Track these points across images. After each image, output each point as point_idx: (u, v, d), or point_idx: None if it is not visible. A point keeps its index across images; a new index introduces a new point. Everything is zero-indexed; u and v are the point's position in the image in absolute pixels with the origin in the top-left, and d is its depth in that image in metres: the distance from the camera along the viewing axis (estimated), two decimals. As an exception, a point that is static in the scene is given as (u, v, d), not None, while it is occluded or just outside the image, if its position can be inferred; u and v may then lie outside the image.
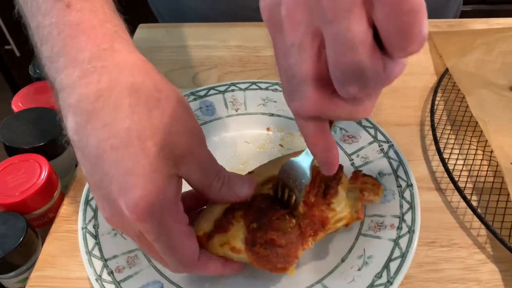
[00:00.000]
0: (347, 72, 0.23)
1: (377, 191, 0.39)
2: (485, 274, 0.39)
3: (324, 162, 0.31)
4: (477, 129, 0.50)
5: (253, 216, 0.35)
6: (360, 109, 0.26)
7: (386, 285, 0.35)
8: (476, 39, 0.60)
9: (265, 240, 0.34)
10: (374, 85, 0.23)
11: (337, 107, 0.26)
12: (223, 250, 0.35)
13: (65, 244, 0.43)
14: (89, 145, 0.30)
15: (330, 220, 0.36)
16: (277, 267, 0.33)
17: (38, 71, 0.56)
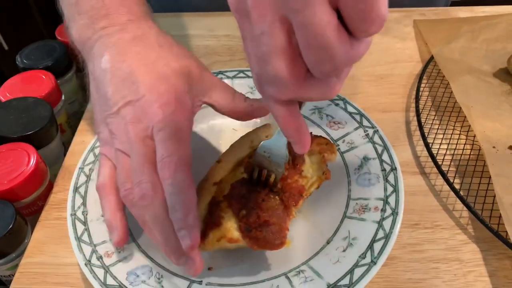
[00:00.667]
0: (319, 54, 0.24)
1: (332, 150, 0.42)
2: (466, 254, 0.40)
3: (297, 142, 0.32)
4: (460, 114, 0.51)
5: (239, 204, 0.37)
6: (331, 89, 0.28)
7: (370, 265, 0.36)
8: (462, 27, 0.61)
9: (259, 223, 0.35)
10: (345, 63, 0.25)
11: (310, 89, 0.27)
12: (220, 244, 0.36)
13: (54, 231, 0.43)
14: (122, 67, 0.39)
15: (305, 187, 0.39)
16: (275, 244, 0.35)
17: (26, 61, 0.56)
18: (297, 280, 0.36)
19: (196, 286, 0.37)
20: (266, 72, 0.26)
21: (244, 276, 0.37)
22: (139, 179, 0.35)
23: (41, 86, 0.53)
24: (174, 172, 0.34)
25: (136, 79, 0.38)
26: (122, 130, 0.38)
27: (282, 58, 0.25)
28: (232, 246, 0.37)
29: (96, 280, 0.36)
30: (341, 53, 0.24)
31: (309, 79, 0.27)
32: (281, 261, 0.38)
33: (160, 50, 0.41)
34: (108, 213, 0.38)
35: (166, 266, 0.38)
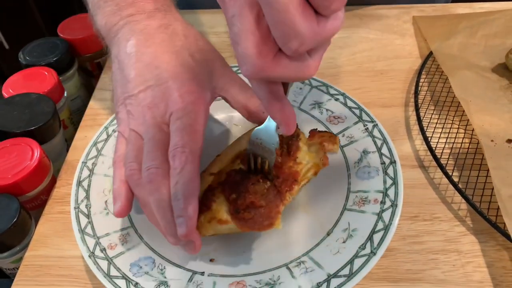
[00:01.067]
0: (285, 30, 0.25)
1: (334, 141, 0.43)
2: (465, 245, 0.40)
3: (281, 123, 0.32)
4: (459, 109, 0.51)
5: (230, 189, 0.37)
6: (305, 67, 0.28)
7: (369, 256, 0.36)
8: (460, 23, 0.62)
9: (246, 205, 0.36)
10: (311, 40, 0.26)
11: (281, 68, 0.28)
12: (211, 225, 0.37)
13: (58, 225, 0.44)
14: (147, 51, 0.41)
15: (300, 172, 0.39)
16: (263, 224, 0.35)
17: (28, 57, 0.57)
18: (298, 271, 0.37)
19: (198, 277, 0.37)
20: (237, 52, 0.28)
21: (245, 267, 0.38)
22: (150, 163, 0.36)
23: (44, 83, 0.53)
24: (185, 163, 0.35)
25: (159, 65, 0.40)
26: (139, 112, 0.39)
27: (250, 38, 0.26)
28: (224, 229, 0.37)
29: (100, 271, 0.37)
30: (305, 29, 0.25)
31: (281, 58, 0.27)
32: (282, 252, 0.39)
33: (185, 40, 0.42)
34: (116, 183, 0.38)
35: (168, 258, 0.38)
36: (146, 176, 0.36)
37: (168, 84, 0.39)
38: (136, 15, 0.43)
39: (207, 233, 0.38)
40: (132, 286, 0.36)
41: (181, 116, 0.38)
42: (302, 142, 0.41)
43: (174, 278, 0.37)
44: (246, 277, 0.37)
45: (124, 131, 0.40)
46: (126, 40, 0.42)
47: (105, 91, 0.58)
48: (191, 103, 0.38)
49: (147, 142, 0.38)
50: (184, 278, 0.37)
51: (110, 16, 0.44)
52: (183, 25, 0.43)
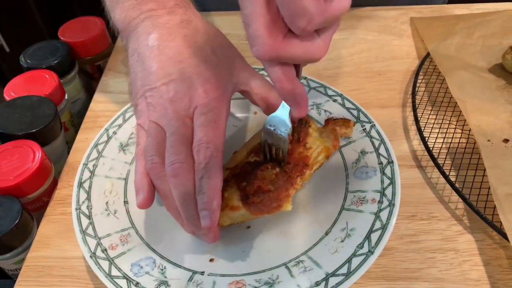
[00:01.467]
0: (292, 8, 0.27)
1: (348, 125, 0.44)
2: (462, 244, 0.41)
3: (293, 104, 0.34)
4: (456, 109, 0.52)
5: (242, 178, 0.39)
6: (314, 47, 0.30)
7: (367, 255, 0.37)
8: (457, 24, 0.62)
9: (254, 190, 0.37)
10: (319, 18, 0.27)
11: (291, 48, 0.29)
12: (225, 213, 0.38)
13: (60, 226, 0.44)
14: (170, 45, 0.41)
15: (310, 156, 0.41)
16: (272, 207, 0.37)
17: (29, 61, 0.57)
18: (297, 270, 0.37)
19: (198, 276, 0.38)
20: (248, 33, 0.29)
21: (245, 266, 0.38)
22: (175, 157, 0.36)
23: (45, 85, 0.54)
24: (210, 158, 0.36)
25: (183, 60, 0.40)
26: (161, 105, 0.39)
27: (260, 20, 0.28)
28: (238, 216, 0.39)
29: (101, 271, 0.37)
30: (313, 7, 0.26)
31: (291, 39, 0.29)
32: (281, 251, 0.39)
33: (207, 37, 0.42)
34: (138, 175, 0.39)
35: (169, 258, 0.39)
36: (170, 170, 0.36)
37: (192, 79, 0.39)
38: (158, 10, 0.44)
39: (224, 222, 0.39)
40: (133, 286, 0.36)
41: (205, 112, 0.38)
42: (312, 129, 0.42)
43: (174, 277, 0.37)
44: (245, 276, 0.37)
45: (144, 123, 0.40)
46: (147, 33, 0.42)
47: (105, 93, 0.58)
48: (215, 100, 0.39)
49: (170, 136, 0.38)
50: (184, 277, 0.37)
51: (130, 10, 0.45)
52: (203, 22, 0.44)
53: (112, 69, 0.62)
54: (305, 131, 0.42)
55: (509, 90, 0.53)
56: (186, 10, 0.44)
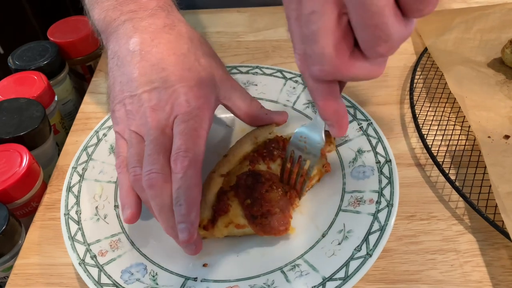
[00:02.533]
0: (376, 34, 0.25)
1: (330, 141, 0.44)
2: (463, 244, 0.39)
3: (335, 125, 0.32)
4: (455, 105, 0.50)
5: (244, 194, 0.38)
6: (378, 68, 0.28)
7: (365, 258, 0.35)
8: (455, 18, 0.61)
9: (262, 212, 0.37)
10: (399, 43, 0.26)
11: (357, 69, 0.28)
12: (228, 229, 0.38)
13: (49, 232, 0.43)
14: (153, 51, 0.39)
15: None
16: (280, 230, 0.37)
17: (18, 62, 0.56)
18: (293, 275, 0.36)
19: (191, 282, 0.36)
20: (312, 50, 0.27)
21: (239, 271, 0.37)
22: (151, 167, 0.35)
23: (33, 87, 0.52)
24: (187, 168, 0.35)
25: (166, 67, 0.38)
26: (141, 113, 0.38)
27: (330, 37, 0.26)
28: (239, 233, 0.38)
29: (90, 279, 0.36)
30: (396, 33, 0.25)
31: (357, 59, 0.27)
32: (276, 256, 0.38)
33: (191, 43, 0.41)
34: (122, 190, 0.37)
35: (160, 264, 0.38)
36: (146, 180, 0.35)
37: (175, 87, 0.38)
38: (139, 11, 0.42)
39: (221, 235, 0.38)
40: (123, 294, 0.35)
41: (186, 120, 0.37)
42: None
43: (166, 284, 0.36)
44: (239, 282, 0.36)
45: (124, 132, 0.39)
46: (128, 36, 0.40)
47: (96, 94, 0.57)
48: (197, 108, 0.37)
49: (148, 144, 0.37)
50: (177, 284, 0.36)
51: (110, 11, 0.43)
52: (187, 27, 0.42)
53: (103, 69, 0.60)
54: None
55: (509, 85, 0.52)
56: (169, 13, 0.43)
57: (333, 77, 0.28)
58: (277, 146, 0.42)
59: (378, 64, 0.28)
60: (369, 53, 0.26)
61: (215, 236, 0.38)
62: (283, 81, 0.52)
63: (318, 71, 0.28)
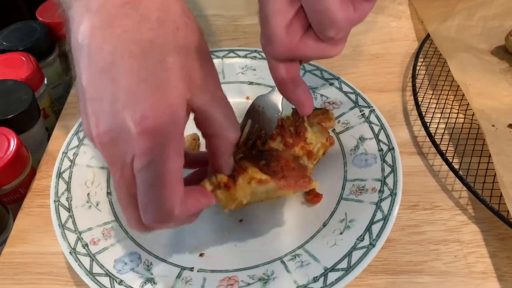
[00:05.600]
0: (322, 19, 0.27)
1: (329, 117, 0.43)
2: (467, 235, 0.38)
3: (298, 104, 0.34)
4: (458, 93, 0.49)
5: (256, 158, 0.37)
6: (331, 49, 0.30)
7: (368, 248, 0.34)
8: (457, 4, 0.60)
9: (281, 166, 0.36)
10: (348, 27, 0.27)
11: (308, 48, 0.29)
12: (251, 187, 0.33)
13: (38, 219, 0.41)
14: (103, 50, 0.27)
15: (313, 151, 0.40)
16: (304, 182, 0.35)
17: (5, 42, 0.54)
18: (293, 265, 0.35)
19: (187, 272, 0.35)
20: (266, 30, 0.29)
21: (237, 261, 0.36)
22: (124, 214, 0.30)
23: (21, 69, 0.50)
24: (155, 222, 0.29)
25: (115, 78, 0.27)
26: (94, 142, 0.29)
27: (280, 18, 0.28)
28: (262, 192, 0.34)
29: (82, 268, 0.34)
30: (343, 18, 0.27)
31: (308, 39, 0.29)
32: (276, 245, 0.37)
33: (158, 29, 0.28)
34: None
35: (155, 253, 0.36)
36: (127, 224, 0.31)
37: (124, 113, 0.26)
38: None
39: (244, 196, 0.34)
40: (116, 284, 0.34)
41: (145, 166, 0.27)
42: (307, 124, 0.41)
43: (161, 274, 0.35)
44: (238, 272, 0.35)
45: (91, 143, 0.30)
46: (78, 22, 0.28)
47: (87, 77, 0.55)
48: (157, 145, 0.27)
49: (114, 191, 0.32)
50: (172, 274, 0.35)
51: None
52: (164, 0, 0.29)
53: (95, 52, 0.58)
54: (303, 126, 0.40)
55: (513, 73, 0.51)
56: None
57: (284, 56, 0.29)
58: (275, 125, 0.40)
59: (333, 44, 0.30)
60: (320, 36, 0.29)
61: (237, 199, 0.33)
62: (283, 66, 0.50)
63: (271, 50, 0.30)
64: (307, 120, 0.41)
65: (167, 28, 0.28)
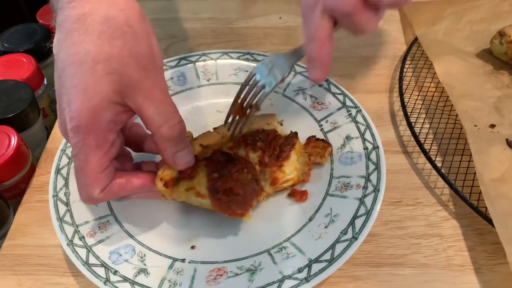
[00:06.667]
0: None
1: (323, 154, 0.42)
2: (447, 230, 0.40)
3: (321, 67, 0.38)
4: (443, 94, 0.51)
5: (214, 167, 0.38)
6: None
7: (351, 241, 0.36)
8: (446, 9, 0.61)
9: (225, 188, 0.36)
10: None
11: None
12: (187, 194, 0.38)
13: (37, 214, 0.43)
14: (59, 58, 0.33)
15: (279, 180, 0.40)
16: (236, 212, 0.36)
17: (6, 44, 0.56)
18: (279, 256, 0.36)
19: (178, 264, 0.37)
20: None
21: (226, 253, 0.37)
22: None
23: (22, 70, 0.52)
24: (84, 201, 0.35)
25: (63, 83, 0.33)
26: None
27: None
28: (196, 202, 0.38)
29: (79, 259, 0.36)
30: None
31: None
32: (263, 238, 0.38)
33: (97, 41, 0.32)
34: None
35: (148, 245, 0.38)
36: None
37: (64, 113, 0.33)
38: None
39: (178, 198, 0.38)
40: (111, 274, 0.35)
41: (74, 155, 0.33)
42: (294, 152, 0.41)
43: (154, 265, 0.36)
44: (227, 264, 0.36)
45: None
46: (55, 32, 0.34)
47: (86, 78, 0.57)
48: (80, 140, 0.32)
49: None
50: (164, 265, 0.36)
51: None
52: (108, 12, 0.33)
53: (94, 53, 0.60)
54: (287, 153, 0.41)
55: (497, 75, 0.53)
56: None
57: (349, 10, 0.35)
58: (264, 138, 0.41)
59: None
60: None
61: (172, 197, 0.38)
62: (274, 67, 0.52)
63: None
64: (297, 149, 0.42)
65: (103, 39, 0.32)
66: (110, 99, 0.32)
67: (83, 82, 0.32)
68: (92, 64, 0.32)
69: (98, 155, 0.33)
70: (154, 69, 0.34)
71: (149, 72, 0.33)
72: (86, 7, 0.33)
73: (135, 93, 0.33)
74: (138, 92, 0.33)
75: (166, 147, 0.35)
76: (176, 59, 0.53)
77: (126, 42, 0.33)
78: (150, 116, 0.34)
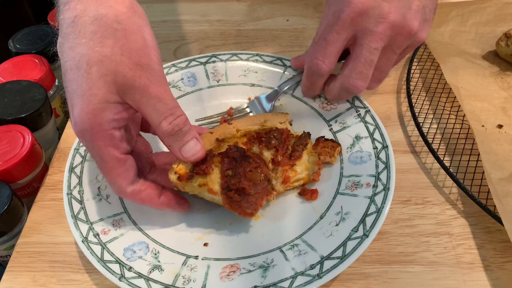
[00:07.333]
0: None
1: (332, 153, 0.43)
2: (456, 228, 0.41)
3: None
4: (450, 95, 0.51)
5: (228, 164, 0.38)
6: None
7: (362, 238, 0.36)
8: (452, 11, 0.62)
9: (238, 187, 0.37)
10: None
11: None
12: (200, 190, 0.38)
13: (51, 212, 0.44)
14: (62, 63, 0.34)
15: (291, 179, 0.41)
16: (246, 212, 0.37)
17: (18, 45, 0.56)
18: (291, 254, 0.37)
19: (192, 260, 0.37)
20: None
21: (239, 250, 0.38)
22: None
23: (34, 71, 0.53)
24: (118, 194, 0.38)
25: (66, 85, 0.34)
26: None
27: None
28: (208, 197, 0.39)
29: (94, 256, 0.37)
30: None
31: None
32: (275, 236, 0.39)
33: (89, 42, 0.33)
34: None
35: (162, 242, 0.38)
36: None
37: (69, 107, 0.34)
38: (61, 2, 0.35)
39: (190, 192, 0.39)
40: (126, 270, 0.36)
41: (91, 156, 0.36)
42: (305, 152, 0.42)
43: (168, 262, 0.37)
44: (239, 260, 0.37)
45: None
46: None
47: (96, 79, 0.57)
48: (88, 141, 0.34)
49: None
50: (178, 262, 0.37)
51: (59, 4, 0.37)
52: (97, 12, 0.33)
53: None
54: (300, 153, 0.42)
55: (503, 76, 0.53)
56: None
57: None
58: (279, 136, 0.42)
59: None
60: None
61: (185, 190, 0.39)
62: (283, 68, 0.52)
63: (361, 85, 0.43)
64: (308, 149, 0.42)
65: (95, 40, 0.33)
66: (107, 100, 0.33)
67: (81, 87, 0.33)
68: (87, 67, 0.32)
69: (110, 153, 0.34)
70: (149, 64, 0.34)
71: (143, 68, 0.33)
72: (78, 8, 0.33)
73: (132, 92, 0.33)
74: (134, 90, 0.33)
75: (170, 143, 0.36)
76: (186, 60, 0.53)
77: (117, 40, 0.33)
78: (149, 114, 0.34)
